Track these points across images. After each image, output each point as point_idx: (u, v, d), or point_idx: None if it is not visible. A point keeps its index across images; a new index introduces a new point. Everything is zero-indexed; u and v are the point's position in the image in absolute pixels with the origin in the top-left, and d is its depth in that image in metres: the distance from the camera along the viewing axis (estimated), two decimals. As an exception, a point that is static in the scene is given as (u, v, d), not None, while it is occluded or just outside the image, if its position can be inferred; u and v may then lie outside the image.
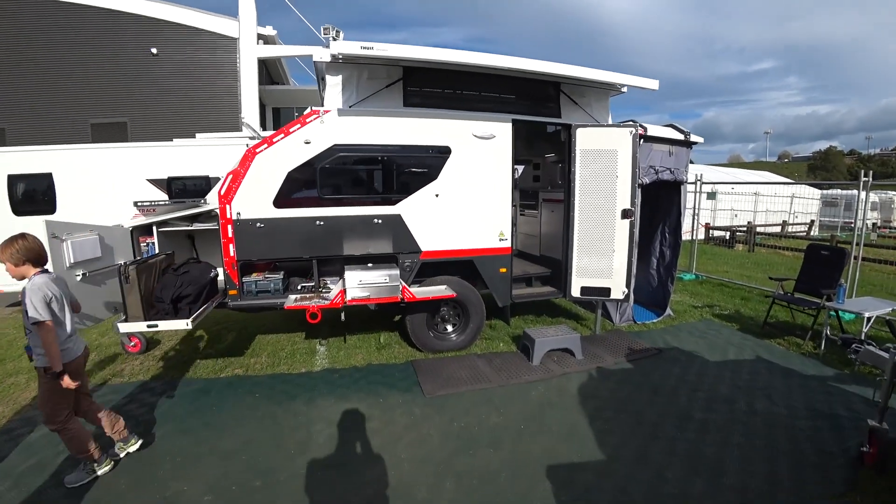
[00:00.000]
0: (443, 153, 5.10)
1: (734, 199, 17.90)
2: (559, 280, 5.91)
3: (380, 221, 5.00)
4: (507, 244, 5.45)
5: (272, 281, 5.03)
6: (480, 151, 5.20)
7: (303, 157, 4.77)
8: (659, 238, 6.94)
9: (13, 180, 7.17)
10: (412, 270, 5.20)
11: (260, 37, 13.32)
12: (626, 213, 5.44)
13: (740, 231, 16.02)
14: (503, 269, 5.48)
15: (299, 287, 5.11)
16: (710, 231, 16.73)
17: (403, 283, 4.93)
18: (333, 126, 4.80)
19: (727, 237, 15.99)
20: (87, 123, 14.52)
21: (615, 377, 4.88)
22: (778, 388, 4.62)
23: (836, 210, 22.79)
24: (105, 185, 7.16)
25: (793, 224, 19.91)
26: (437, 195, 5.12)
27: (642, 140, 5.74)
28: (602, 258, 5.58)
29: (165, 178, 7.23)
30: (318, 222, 4.86)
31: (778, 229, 18.31)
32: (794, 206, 20.58)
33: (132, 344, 5.62)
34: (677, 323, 6.58)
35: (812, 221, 20.21)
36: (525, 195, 7.47)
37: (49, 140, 10.64)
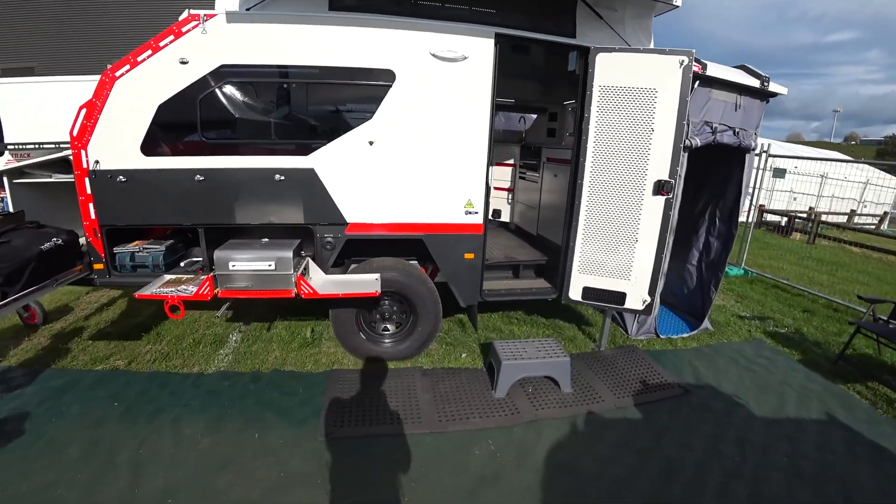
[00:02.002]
0: (382, 80, 3.24)
1: (794, 180, 14.87)
2: (556, 273, 4.02)
3: (283, 178, 3.29)
4: (478, 219, 3.60)
5: (152, 253, 3.50)
6: (442, 80, 3.29)
7: (178, 83, 3.12)
8: (706, 224, 4.83)
9: None
10: (334, 249, 3.48)
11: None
12: (660, 187, 3.44)
13: (800, 217, 13.15)
14: (469, 255, 3.66)
15: (182, 264, 3.55)
16: (764, 214, 13.87)
17: (299, 272, 3.23)
18: (221, 38, 3.08)
19: (782, 223, 13.17)
20: (-2, 68, 12.84)
21: (613, 434, 3.07)
22: (866, 485, 2.74)
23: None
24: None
25: (859, 214, 16.51)
26: (371, 143, 3.31)
27: (698, 83, 3.63)
28: (618, 249, 3.65)
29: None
30: (197, 177, 3.22)
31: (842, 219, 15.14)
32: (865, 194, 17.04)
33: (27, 315, 4.30)
34: (716, 342, 4.57)
35: (885, 214, 16.67)
36: (528, 152, 5.45)
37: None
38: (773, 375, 3.98)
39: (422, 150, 3.37)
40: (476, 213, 3.55)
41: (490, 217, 6.04)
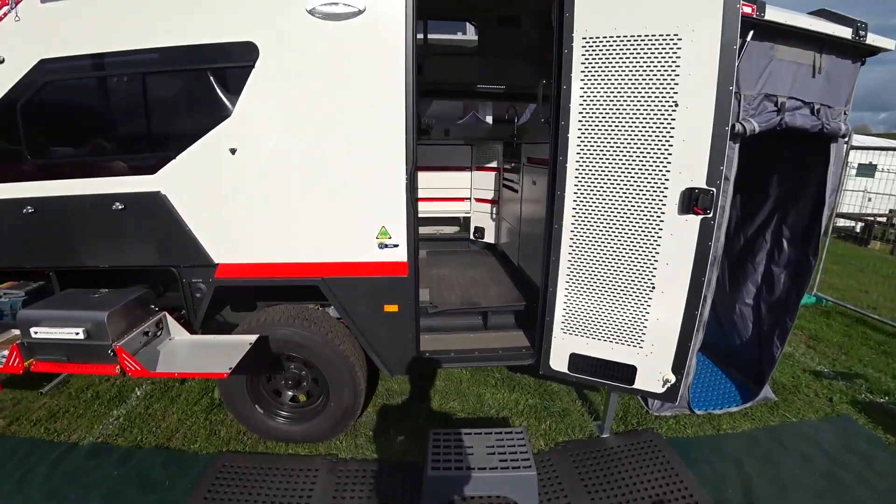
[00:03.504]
0: (240, 60, 2.12)
1: (870, 178, 12.41)
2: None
3: (122, 206, 2.25)
4: (400, 255, 2.33)
5: (11, 299, 2.66)
6: (329, 49, 2.10)
7: None
8: (767, 247, 3.28)
9: None
10: (204, 300, 2.37)
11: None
12: (693, 201, 2.04)
13: (879, 221, 10.70)
14: (391, 307, 2.39)
15: None
16: (834, 219, 11.43)
17: (122, 342, 2.12)
18: (38, 25, 2.13)
19: (857, 229, 10.78)
20: None
21: None
22: None
23: None
24: None
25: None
26: (233, 150, 2.18)
27: (751, 33, 2.19)
28: (623, 299, 2.26)
29: None
30: (27, 208, 2.29)
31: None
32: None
33: None
34: (780, 422, 3.01)
35: None
36: (512, 151, 4.01)
37: None
38: (874, 495, 2.41)
39: (305, 158, 2.18)
40: (395, 245, 2.27)
41: (472, 237, 4.71)
